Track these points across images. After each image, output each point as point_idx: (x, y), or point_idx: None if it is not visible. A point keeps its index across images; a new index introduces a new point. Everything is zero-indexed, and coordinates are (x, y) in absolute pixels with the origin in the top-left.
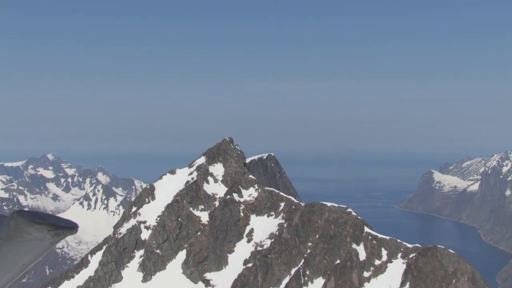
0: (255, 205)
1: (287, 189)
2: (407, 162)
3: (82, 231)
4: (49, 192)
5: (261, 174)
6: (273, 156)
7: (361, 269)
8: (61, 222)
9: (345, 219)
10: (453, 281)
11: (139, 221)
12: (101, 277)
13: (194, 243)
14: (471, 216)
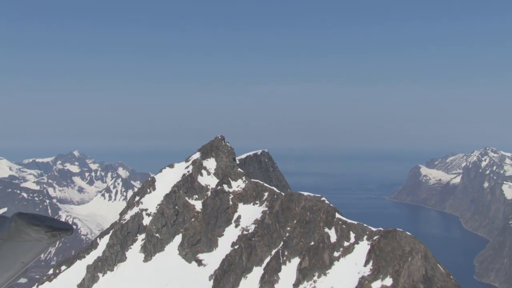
0: (242, 195)
1: (279, 181)
2: (397, 158)
3: (104, 220)
4: (75, 185)
5: (256, 168)
6: (266, 152)
7: (332, 249)
8: (58, 224)
9: (319, 207)
10: (409, 259)
11: (141, 209)
12: (108, 257)
13: (189, 228)
14: (453, 206)
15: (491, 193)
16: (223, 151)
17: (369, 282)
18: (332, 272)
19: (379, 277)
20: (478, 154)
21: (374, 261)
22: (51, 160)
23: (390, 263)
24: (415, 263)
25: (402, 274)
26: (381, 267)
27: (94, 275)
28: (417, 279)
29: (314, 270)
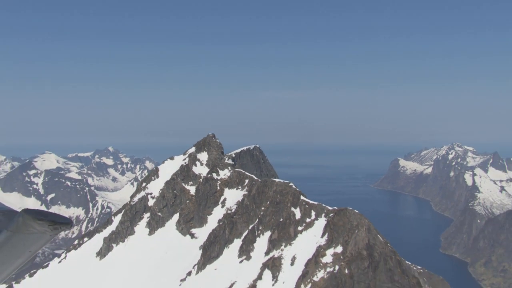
0: (228, 181)
1: (268, 171)
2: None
3: None
4: (110, 175)
5: (249, 161)
6: (258, 147)
7: (296, 225)
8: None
9: (287, 190)
10: (355, 231)
11: (147, 192)
12: (120, 231)
13: (184, 208)
14: (425, 191)
15: (456, 181)
16: (213, 146)
17: (324, 250)
18: (296, 243)
19: (332, 246)
20: (446, 148)
21: (329, 233)
22: (90, 154)
23: (341, 235)
24: (360, 234)
25: (350, 243)
26: (334, 238)
27: (109, 245)
28: (361, 247)
29: (282, 241)
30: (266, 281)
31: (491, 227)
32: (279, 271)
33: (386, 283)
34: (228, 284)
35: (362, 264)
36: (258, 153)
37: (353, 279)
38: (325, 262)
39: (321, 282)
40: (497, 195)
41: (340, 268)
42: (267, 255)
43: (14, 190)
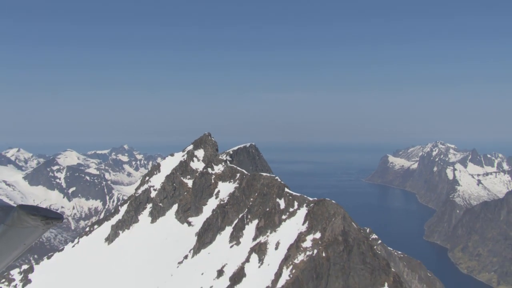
0: (221, 175)
1: (263, 166)
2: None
3: None
4: (125, 171)
5: (245, 157)
6: (254, 145)
7: (281, 214)
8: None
9: (273, 183)
10: (332, 219)
11: (150, 185)
12: (126, 220)
13: (183, 199)
14: (412, 185)
15: (438, 175)
16: (209, 144)
17: (304, 236)
18: (280, 230)
19: (312, 232)
20: (430, 146)
21: (309, 221)
22: (107, 152)
23: (320, 222)
24: (336, 222)
25: (327, 230)
26: (313, 225)
27: (116, 232)
28: (337, 233)
29: (268, 228)
30: (253, 263)
31: (468, 217)
32: (265, 255)
33: (359, 264)
34: (219, 266)
35: (337, 248)
36: (253, 150)
37: (329, 262)
38: (305, 246)
39: (301, 264)
40: (474, 188)
41: (318, 251)
42: (255, 241)
43: (39, 184)
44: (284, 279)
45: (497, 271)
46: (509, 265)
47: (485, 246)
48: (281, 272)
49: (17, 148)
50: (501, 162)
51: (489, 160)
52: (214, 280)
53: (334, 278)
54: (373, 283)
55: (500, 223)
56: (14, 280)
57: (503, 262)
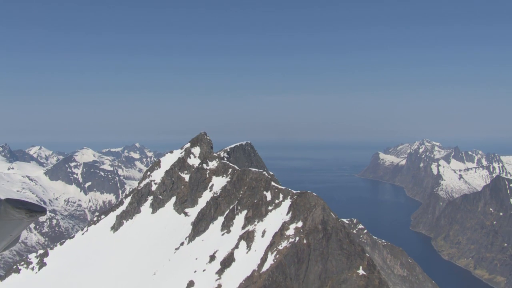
0: (215, 171)
1: (258, 162)
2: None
3: None
4: (136, 167)
5: (241, 154)
6: (249, 143)
7: (267, 205)
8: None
9: (261, 178)
10: (313, 209)
11: (151, 180)
12: (129, 210)
13: (180, 192)
14: (400, 180)
15: (424, 171)
16: (204, 142)
17: (288, 224)
18: (266, 219)
19: (294, 221)
20: (418, 143)
21: (292, 212)
22: (120, 149)
23: (302, 212)
24: (317, 212)
25: (308, 219)
26: (296, 215)
27: (120, 221)
28: (317, 222)
29: (255, 218)
30: (242, 249)
31: (450, 208)
32: (252, 242)
33: (336, 250)
34: (212, 252)
35: (317, 236)
36: (249, 148)
37: (310, 248)
38: (288, 234)
39: (284, 250)
40: (456, 182)
41: (300, 239)
42: (243, 229)
43: (59, 179)
44: (269, 263)
45: (474, 257)
46: (484, 252)
47: (464, 234)
48: (266, 257)
49: (39, 146)
50: (480, 158)
51: (470, 157)
52: (207, 264)
53: (314, 262)
54: (349, 267)
55: (477, 214)
56: (32, 263)
57: (479, 249)
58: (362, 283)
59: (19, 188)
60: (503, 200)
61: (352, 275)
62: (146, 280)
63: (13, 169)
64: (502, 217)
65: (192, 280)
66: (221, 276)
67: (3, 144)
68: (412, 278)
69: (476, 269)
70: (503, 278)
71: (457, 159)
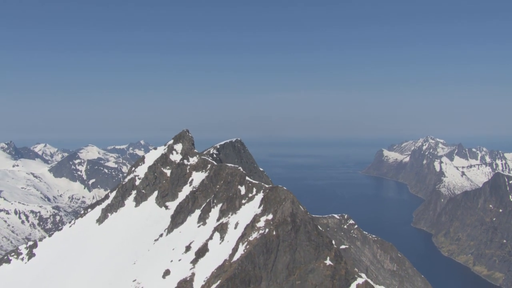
0: (195, 166)
1: (248, 159)
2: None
3: None
4: None
5: (231, 151)
6: (239, 140)
7: (241, 199)
8: None
9: (236, 173)
10: (283, 203)
11: (135, 175)
12: (114, 204)
13: (162, 187)
14: (404, 177)
15: (427, 168)
16: (186, 139)
17: (259, 217)
18: (239, 212)
19: (265, 214)
20: (422, 140)
21: (264, 205)
22: (125, 147)
23: (272, 206)
24: (286, 205)
25: (278, 212)
26: (267, 208)
27: (105, 214)
28: (287, 215)
29: (229, 211)
30: (215, 240)
31: (451, 205)
32: (225, 233)
33: (304, 241)
34: (188, 242)
35: (286, 228)
36: (239, 145)
37: (279, 239)
38: (259, 226)
39: (254, 241)
40: (458, 179)
41: (269, 230)
42: (218, 221)
43: (63, 176)
44: (239, 253)
45: (473, 253)
46: (483, 248)
47: (464, 231)
48: (237, 247)
49: (44, 144)
50: (484, 155)
51: (474, 154)
52: (183, 254)
53: (283, 253)
54: (316, 257)
55: (477, 210)
56: (22, 254)
57: (478, 245)
58: (329, 273)
59: (24, 185)
60: (502, 197)
61: (319, 265)
62: (126, 269)
63: (17, 166)
64: (501, 213)
65: (168, 269)
66: (195, 265)
67: (8, 141)
68: (402, 272)
69: (475, 265)
70: (501, 274)
71: (460, 156)
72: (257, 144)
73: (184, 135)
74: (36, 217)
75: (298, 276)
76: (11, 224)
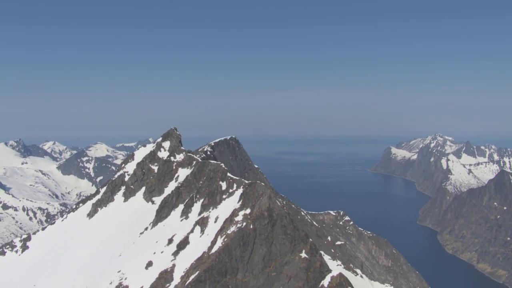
0: (181, 163)
1: (242, 156)
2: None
3: None
4: None
5: (225, 148)
6: (234, 137)
7: (222, 194)
8: None
9: (218, 169)
10: (260, 198)
11: (125, 171)
12: (104, 199)
13: (149, 182)
14: (412, 174)
15: (435, 165)
16: (174, 136)
17: (237, 211)
18: (220, 206)
19: (244, 208)
20: (430, 138)
21: (243, 200)
22: (134, 144)
23: (250, 200)
24: (263, 200)
25: (256, 206)
26: (245, 203)
27: (95, 209)
28: (264, 209)
29: (210, 205)
30: (196, 233)
31: (456, 202)
32: (206, 227)
33: (281, 235)
34: (170, 236)
35: (263, 222)
36: (234, 142)
37: (255, 232)
38: (237, 220)
39: (232, 234)
40: (465, 177)
41: (247, 224)
42: (199, 216)
43: (71, 173)
44: (217, 245)
45: (478, 251)
46: (487, 246)
47: (469, 228)
48: (216, 240)
49: (53, 141)
50: (492, 153)
51: (482, 151)
52: (165, 247)
53: (259, 245)
54: (292, 250)
55: (482, 208)
56: (16, 246)
57: (483, 243)
58: (304, 265)
59: (32, 182)
60: (507, 195)
61: (294, 257)
62: (112, 261)
63: (26, 164)
64: (505, 211)
65: (151, 261)
66: (176, 257)
67: (17, 139)
68: (396, 268)
69: (479, 262)
70: (504, 272)
71: (468, 153)
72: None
73: (172, 133)
74: (44, 214)
75: (273, 268)
76: (19, 221)
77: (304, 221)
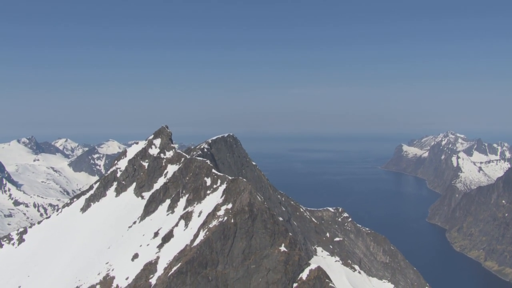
0: (170, 159)
1: (240, 154)
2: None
3: None
4: None
5: (223, 146)
6: (231, 135)
7: (206, 189)
8: None
9: (203, 166)
10: (242, 193)
11: (117, 167)
12: (96, 194)
13: (140, 178)
14: (423, 172)
15: (446, 163)
16: (164, 134)
17: (220, 206)
18: (204, 202)
19: (226, 203)
20: (442, 135)
21: (225, 195)
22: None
23: (232, 196)
24: (245, 195)
25: (237, 202)
26: (228, 198)
27: (88, 204)
28: (244, 204)
29: (195, 201)
30: (180, 227)
31: (465, 200)
32: (190, 221)
33: (261, 229)
34: (156, 229)
35: (244, 216)
36: (231, 140)
37: (236, 226)
38: (219, 214)
39: (214, 228)
40: (475, 174)
41: (228, 218)
42: (184, 210)
43: (82, 170)
44: (199, 239)
45: (485, 249)
46: (495, 243)
47: (477, 226)
48: (198, 233)
49: (65, 139)
50: (504, 150)
51: (493, 149)
52: (151, 240)
53: (239, 239)
54: (271, 244)
55: (490, 206)
56: (13, 239)
57: (490, 241)
58: (283, 258)
59: (44, 179)
60: None
61: (274, 251)
62: (101, 253)
63: (38, 161)
64: None
65: (137, 253)
66: (161, 250)
67: (30, 136)
68: (394, 265)
69: (487, 260)
70: (511, 270)
71: (479, 151)
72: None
73: (163, 131)
74: (55, 210)
75: (253, 260)
76: (30, 217)
77: (303, 218)
